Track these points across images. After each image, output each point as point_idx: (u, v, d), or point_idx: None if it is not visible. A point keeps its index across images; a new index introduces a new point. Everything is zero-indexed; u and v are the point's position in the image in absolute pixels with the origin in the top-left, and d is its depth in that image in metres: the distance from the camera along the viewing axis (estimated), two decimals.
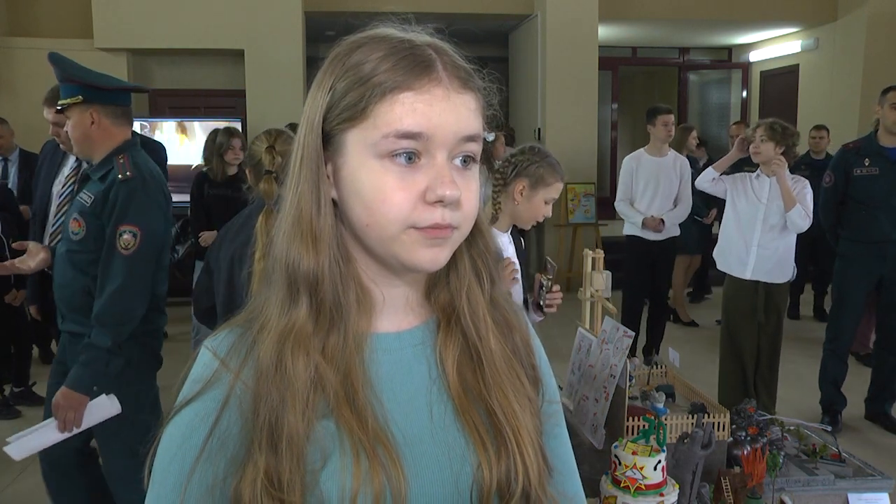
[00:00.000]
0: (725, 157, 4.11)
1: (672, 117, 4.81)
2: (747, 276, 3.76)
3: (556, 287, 2.34)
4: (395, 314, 0.78)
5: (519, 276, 2.27)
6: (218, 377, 0.72)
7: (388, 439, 0.70)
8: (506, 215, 2.32)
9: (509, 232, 2.38)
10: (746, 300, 3.79)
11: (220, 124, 5.44)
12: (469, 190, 0.72)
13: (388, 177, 0.69)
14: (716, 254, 3.97)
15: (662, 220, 4.79)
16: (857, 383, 4.17)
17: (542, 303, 2.35)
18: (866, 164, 3.89)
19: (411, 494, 0.70)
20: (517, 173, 2.27)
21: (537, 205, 2.28)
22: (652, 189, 4.82)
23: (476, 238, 0.79)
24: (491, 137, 3.78)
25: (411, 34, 0.73)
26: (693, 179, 6.18)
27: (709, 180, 3.99)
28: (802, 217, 3.57)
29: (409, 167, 0.69)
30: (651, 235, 4.83)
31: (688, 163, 4.94)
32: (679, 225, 6.32)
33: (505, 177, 2.29)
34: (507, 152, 2.41)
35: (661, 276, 5.00)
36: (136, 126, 6.87)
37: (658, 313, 5.07)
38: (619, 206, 4.95)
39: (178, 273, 4.59)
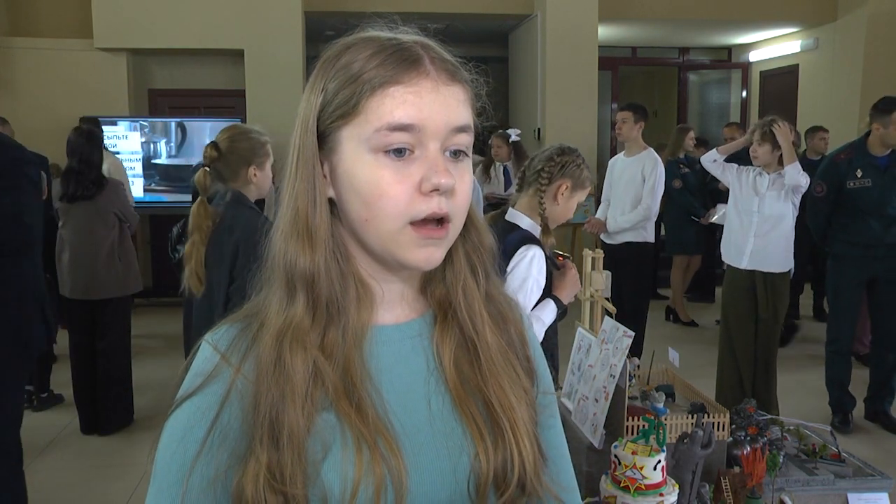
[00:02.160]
0: (734, 142, 4.16)
1: (624, 114, 4.66)
2: (743, 265, 3.83)
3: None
4: (393, 307, 0.80)
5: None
6: (219, 371, 0.74)
7: (387, 430, 0.72)
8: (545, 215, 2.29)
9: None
10: (742, 291, 3.84)
11: (221, 124, 5.44)
12: (463, 181, 0.74)
13: (384, 171, 0.71)
14: (721, 246, 4.06)
15: (605, 223, 4.70)
16: (856, 383, 4.17)
17: None
18: (858, 175, 3.89)
19: (411, 484, 0.71)
20: (563, 174, 2.25)
21: (571, 207, 2.29)
22: (615, 190, 4.76)
23: (470, 233, 0.81)
24: (517, 137, 3.84)
25: (398, 33, 0.75)
26: (689, 181, 6.21)
27: (710, 161, 4.05)
28: (801, 173, 3.63)
29: (403, 160, 0.71)
30: (606, 238, 4.76)
31: (656, 164, 4.59)
32: (676, 225, 6.33)
33: (551, 176, 2.25)
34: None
35: (622, 283, 4.43)
36: (137, 126, 6.91)
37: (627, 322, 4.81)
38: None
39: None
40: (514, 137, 5.26)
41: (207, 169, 2.26)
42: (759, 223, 3.78)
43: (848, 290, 4.03)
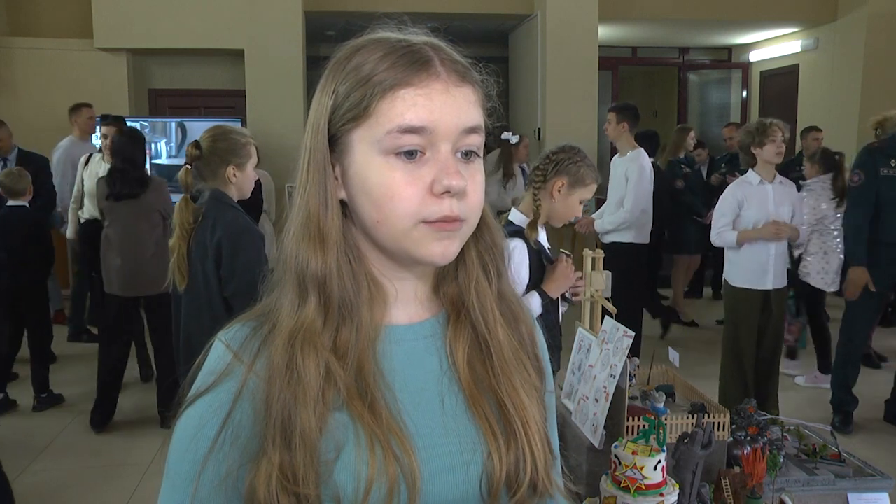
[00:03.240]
0: (752, 232, 3.70)
1: (609, 115, 4.68)
2: (769, 286, 3.69)
3: (579, 274, 2.38)
4: (407, 307, 0.80)
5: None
6: (231, 370, 0.74)
7: (400, 430, 0.72)
8: (542, 213, 2.33)
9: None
10: (756, 307, 3.73)
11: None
12: (474, 181, 0.74)
13: (395, 173, 0.71)
14: (729, 273, 3.82)
15: (593, 220, 4.72)
16: (858, 384, 4.16)
17: (566, 293, 2.39)
18: (892, 164, 3.85)
19: (423, 484, 0.71)
20: (557, 171, 2.27)
21: (572, 204, 2.31)
22: (609, 189, 4.75)
23: (483, 232, 0.81)
24: (515, 139, 3.92)
25: (408, 35, 0.75)
26: (691, 180, 6.20)
27: (729, 242, 3.74)
28: (806, 235, 3.69)
29: (415, 162, 0.71)
30: (602, 237, 4.75)
31: (638, 164, 4.55)
32: (678, 226, 6.31)
33: (545, 174, 2.28)
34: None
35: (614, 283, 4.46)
36: (137, 126, 6.89)
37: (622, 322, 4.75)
38: None
39: None
40: (513, 140, 5.25)
41: (189, 167, 2.35)
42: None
43: (871, 293, 3.91)
